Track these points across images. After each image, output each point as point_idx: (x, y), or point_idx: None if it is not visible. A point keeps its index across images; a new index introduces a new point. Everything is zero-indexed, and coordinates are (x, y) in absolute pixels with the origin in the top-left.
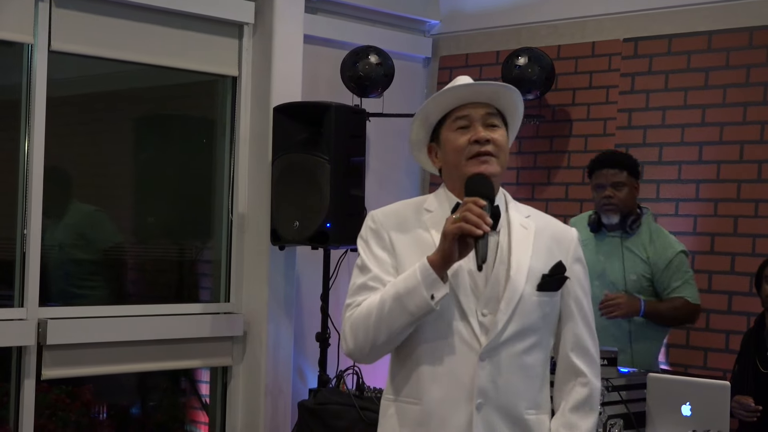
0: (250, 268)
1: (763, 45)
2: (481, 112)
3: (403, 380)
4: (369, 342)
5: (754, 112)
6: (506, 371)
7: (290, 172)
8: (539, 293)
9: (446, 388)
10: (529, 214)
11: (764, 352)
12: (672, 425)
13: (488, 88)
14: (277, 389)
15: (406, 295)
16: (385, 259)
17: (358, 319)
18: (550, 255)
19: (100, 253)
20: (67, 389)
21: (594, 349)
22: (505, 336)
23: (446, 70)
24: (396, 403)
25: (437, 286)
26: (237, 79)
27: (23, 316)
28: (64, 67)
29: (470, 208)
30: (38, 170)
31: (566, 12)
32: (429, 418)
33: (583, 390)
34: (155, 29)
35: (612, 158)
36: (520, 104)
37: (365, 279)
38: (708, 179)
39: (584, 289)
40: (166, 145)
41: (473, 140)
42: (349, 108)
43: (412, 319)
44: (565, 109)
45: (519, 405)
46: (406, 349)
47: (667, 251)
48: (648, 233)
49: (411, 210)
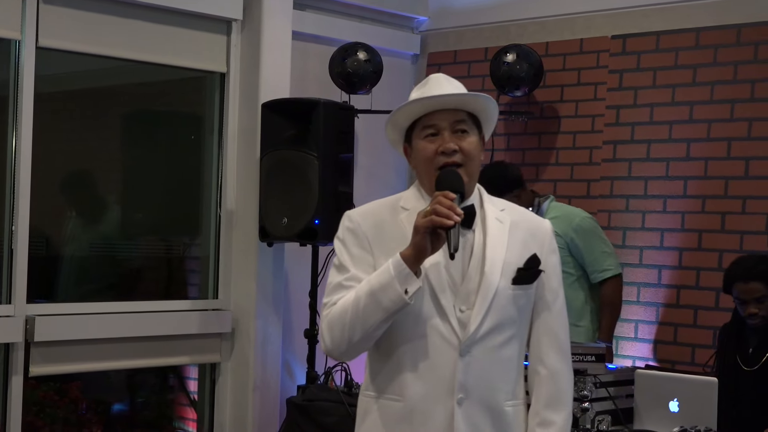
0: (239, 265)
1: (750, 42)
2: (449, 119)
3: (385, 378)
4: (345, 339)
5: (741, 109)
6: (485, 365)
7: (279, 169)
8: (514, 287)
9: (427, 384)
10: (504, 208)
11: (746, 350)
12: (660, 421)
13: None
14: (266, 386)
15: (380, 291)
16: (362, 258)
17: (335, 317)
18: (526, 248)
19: (88, 249)
20: (55, 386)
21: (566, 340)
22: (482, 331)
23: (434, 67)
24: (378, 400)
25: (411, 281)
26: (225, 75)
27: (11, 312)
28: (52, 64)
29: (440, 201)
30: (26, 166)
31: (555, 9)
32: (411, 414)
33: (552, 385)
34: (143, 26)
35: None
36: (492, 106)
37: (342, 278)
38: (696, 176)
39: (560, 280)
40: (154, 142)
41: (440, 151)
42: (338, 104)
43: (386, 315)
44: (553, 106)
45: (498, 397)
46: (386, 347)
47: (572, 220)
48: (553, 214)
49: (387, 209)
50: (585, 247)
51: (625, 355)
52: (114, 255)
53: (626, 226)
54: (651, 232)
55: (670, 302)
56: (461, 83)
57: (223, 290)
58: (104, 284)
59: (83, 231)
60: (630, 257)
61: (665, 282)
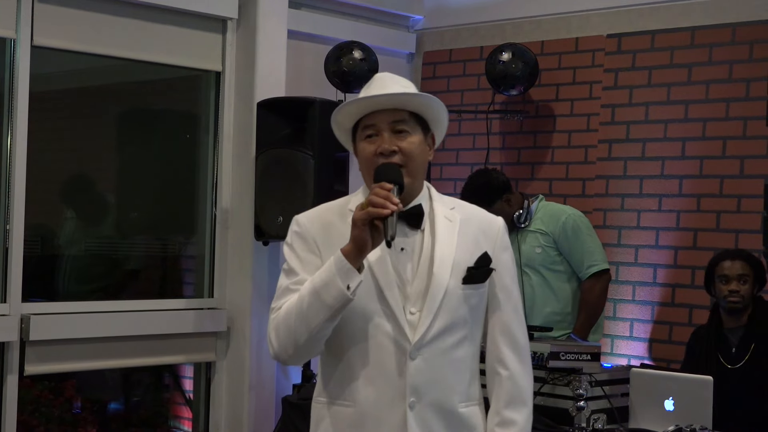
0: (234, 264)
1: (745, 41)
2: (387, 119)
3: (336, 383)
4: (292, 341)
5: (736, 108)
6: (437, 367)
7: (274, 168)
8: (465, 286)
9: (378, 388)
10: (454, 206)
11: (728, 348)
12: (655, 420)
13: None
14: (261, 384)
15: (323, 288)
16: (310, 261)
17: (280, 320)
18: (477, 246)
19: (84, 248)
20: (50, 385)
21: (523, 337)
22: (432, 332)
23: (430, 66)
24: (330, 406)
25: (352, 276)
26: (221, 74)
27: (6, 311)
28: (47, 63)
29: (376, 192)
30: (21, 165)
31: (550, 8)
32: (363, 419)
33: (511, 384)
34: (138, 24)
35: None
36: (434, 105)
37: (289, 282)
38: (691, 175)
39: (513, 277)
40: (150, 141)
41: (378, 152)
42: (333, 103)
43: (330, 313)
44: (548, 105)
45: (452, 399)
46: (336, 351)
47: (559, 217)
48: (541, 213)
49: (335, 212)
50: (572, 245)
51: (621, 354)
52: (109, 254)
53: (621, 224)
54: (646, 230)
55: (665, 301)
56: (410, 82)
57: (219, 289)
58: (99, 283)
59: (78, 230)
60: (625, 256)
61: (660, 281)
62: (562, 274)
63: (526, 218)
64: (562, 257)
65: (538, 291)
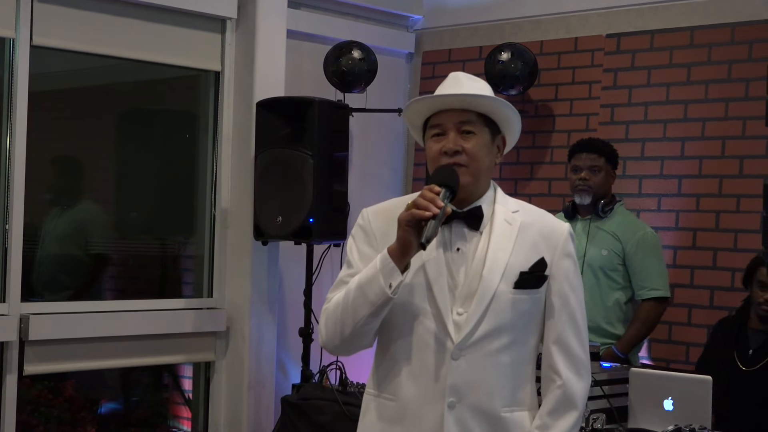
0: (233, 264)
1: (745, 41)
2: (454, 119)
3: (382, 376)
4: (338, 333)
5: (735, 108)
6: (479, 369)
7: (273, 167)
8: (516, 291)
9: (420, 385)
10: (518, 209)
11: (746, 349)
12: (654, 420)
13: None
14: (260, 384)
15: (367, 284)
16: (368, 255)
17: (330, 310)
18: (535, 251)
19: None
20: (50, 385)
21: (578, 347)
22: (477, 335)
23: (429, 66)
24: (376, 398)
25: (394, 275)
26: (220, 74)
27: (5, 311)
28: (46, 62)
29: (423, 194)
30: (20, 165)
31: (549, 7)
32: (404, 414)
33: (560, 392)
34: (138, 24)
35: (591, 144)
36: (503, 108)
37: (345, 274)
38: (690, 174)
39: (572, 285)
40: (149, 140)
41: (443, 151)
42: (332, 103)
43: (373, 309)
44: (547, 105)
45: (494, 403)
46: (384, 346)
47: (637, 230)
48: (620, 219)
49: (401, 207)
50: (642, 262)
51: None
52: (108, 254)
53: None
54: None
55: None
56: (486, 83)
57: (218, 289)
58: (99, 283)
59: (78, 229)
60: None
61: None
62: (614, 283)
63: (608, 212)
64: (623, 268)
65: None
